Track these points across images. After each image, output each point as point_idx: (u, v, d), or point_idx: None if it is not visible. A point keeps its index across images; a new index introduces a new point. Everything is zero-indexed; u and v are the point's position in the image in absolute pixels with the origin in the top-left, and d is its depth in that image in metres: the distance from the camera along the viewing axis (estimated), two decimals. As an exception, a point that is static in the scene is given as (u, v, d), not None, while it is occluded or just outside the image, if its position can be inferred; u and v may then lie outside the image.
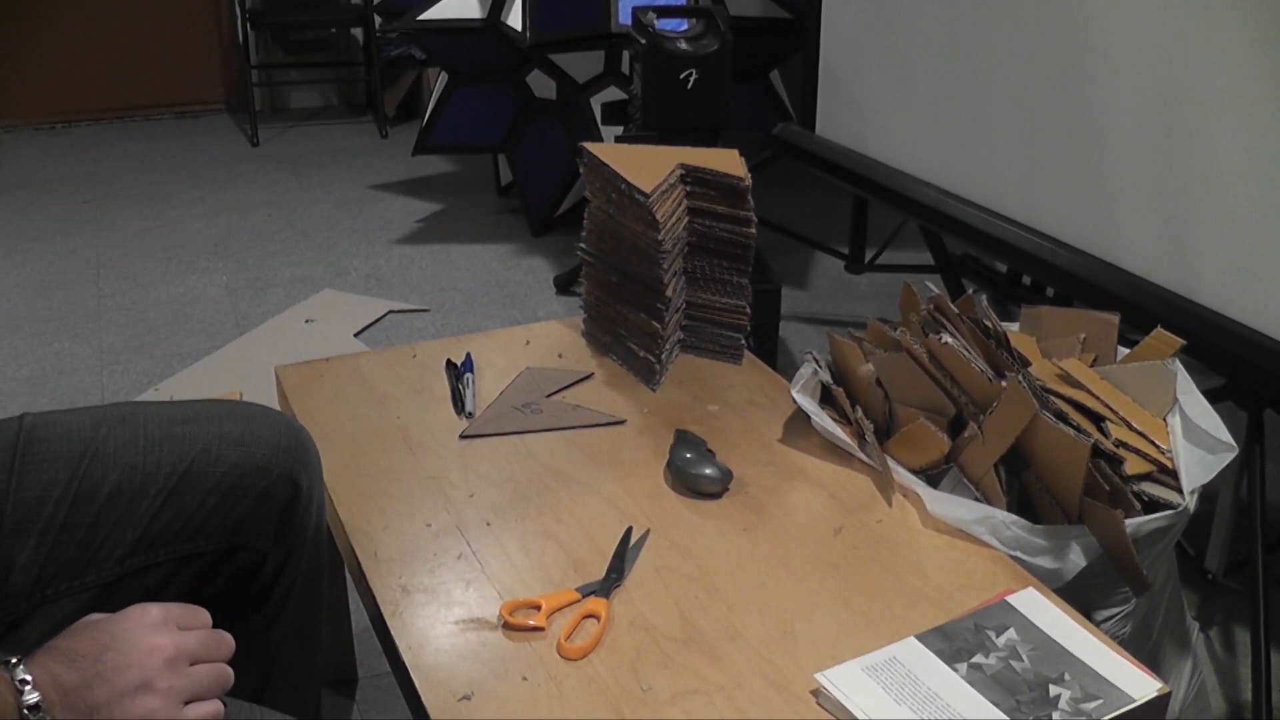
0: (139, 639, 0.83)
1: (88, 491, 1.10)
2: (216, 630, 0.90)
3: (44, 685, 0.80)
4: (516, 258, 3.54)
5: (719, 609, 1.14)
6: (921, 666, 1.04)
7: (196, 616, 0.89)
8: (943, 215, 2.17)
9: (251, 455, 1.17)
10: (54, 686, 0.80)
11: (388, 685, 1.76)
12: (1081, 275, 1.87)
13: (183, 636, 0.86)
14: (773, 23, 3.62)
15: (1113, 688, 1.02)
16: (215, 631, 0.89)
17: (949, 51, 2.15)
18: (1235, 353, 1.61)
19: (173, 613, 0.87)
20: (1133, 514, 1.24)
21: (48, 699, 0.79)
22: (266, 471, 1.18)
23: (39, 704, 0.79)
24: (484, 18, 3.48)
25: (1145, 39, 1.72)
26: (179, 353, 2.92)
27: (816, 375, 1.46)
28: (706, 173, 1.53)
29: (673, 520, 1.28)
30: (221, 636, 0.89)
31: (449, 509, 1.30)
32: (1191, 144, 1.67)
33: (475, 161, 4.31)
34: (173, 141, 4.79)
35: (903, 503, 1.32)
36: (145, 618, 0.85)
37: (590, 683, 1.04)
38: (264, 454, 1.18)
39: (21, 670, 0.79)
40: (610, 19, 3.37)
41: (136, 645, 0.83)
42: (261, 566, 1.21)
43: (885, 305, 3.20)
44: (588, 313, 1.69)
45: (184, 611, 0.88)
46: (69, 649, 0.82)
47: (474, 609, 1.13)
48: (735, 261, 1.58)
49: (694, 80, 2.72)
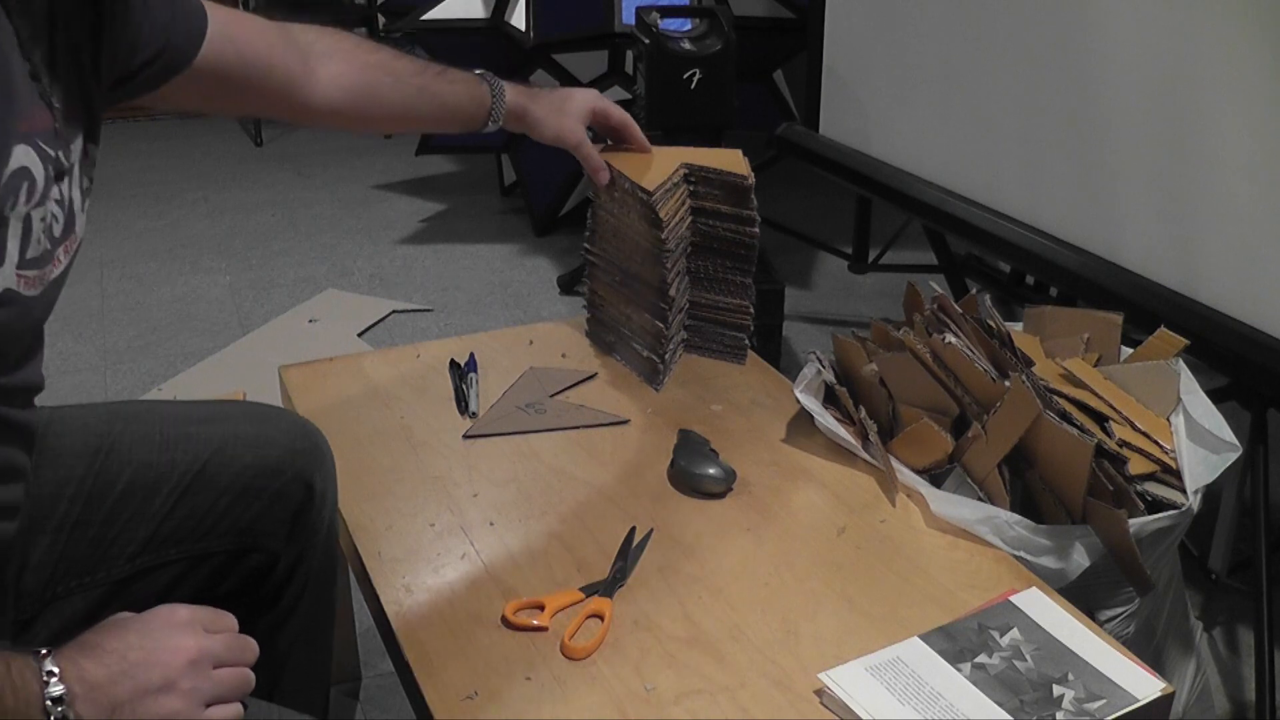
0: (165, 639, 0.85)
1: (101, 488, 1.10)
2: (241, 635, 0.90)
3: (70, 678, 0.80)
4: (520, 258, 3.54)
5: (723, 609, 1.14)
6: (925, 666, 1.04)
7: (222, 620, 0.90)
8: (946, 215, 2.17)
9: (265, 457, 1.18)
10: (79, 680, 0.81)
11: (391, 685, 1.76)
12: (1085, 275, 1.87)
13: (208, 639, 0.86)
14: (776, 22, 3.63)
15: (1116, 688, 1.02)
16: (240, 636, 0.90)
17: (952, 51, 2.15)
18: (1239, 352, 1.61)
19: (200, 615, 0.88)
20: (1136, 514, 1.24)
21: (72, 692, 0.80)
22: (280, 473, 1.18)
23: (63, 697, 0.80)
24: (487, 18, 3.49)
25: (1148, 39, 1.72)
26: (182, 353, 2.92)
27: (820, 375, 1.46)
28: (710, 172, 1.53)
29: (676, 520, 1.28)
30: (245, 641, 0.90)
31: (453, 509, 1.30)
32: (1194, 143, 1.67)
33: (479, 161, 4.31)
34: (176, 141, 4.80)
35: (906, 503, 1.32)
36: (173, 618, 0.86)
37: (594, 682, 1.04)
38: (278, 455, 1.19)
39: (49, 662, 0.80)
40: (614, 19, 3.37)
41: (162, 645, 0.84)
42: (273, 567, 1.21)
43: (889, 305, 3.20)
44: (591, 313, 1.69)
45: (211, 615, 0.89)
46: (96, 644, 0.83)
47: (477, 608, 1.14)
48: (739, 261, 1.58)
49: (697, 80, 2.72)
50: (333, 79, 1.29)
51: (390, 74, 1.35)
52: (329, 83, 1.29)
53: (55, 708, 0.79)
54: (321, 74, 1.29)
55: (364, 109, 1.33)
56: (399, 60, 1.37)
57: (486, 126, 1.45)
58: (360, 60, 1.33)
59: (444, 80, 1.40)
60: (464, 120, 1.43)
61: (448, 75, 1.41)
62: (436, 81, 1.39)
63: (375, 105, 1.34)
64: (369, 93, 1.33)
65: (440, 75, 1.40)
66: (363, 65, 1.33)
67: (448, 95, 1.40)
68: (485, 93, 1.43)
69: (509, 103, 1.45)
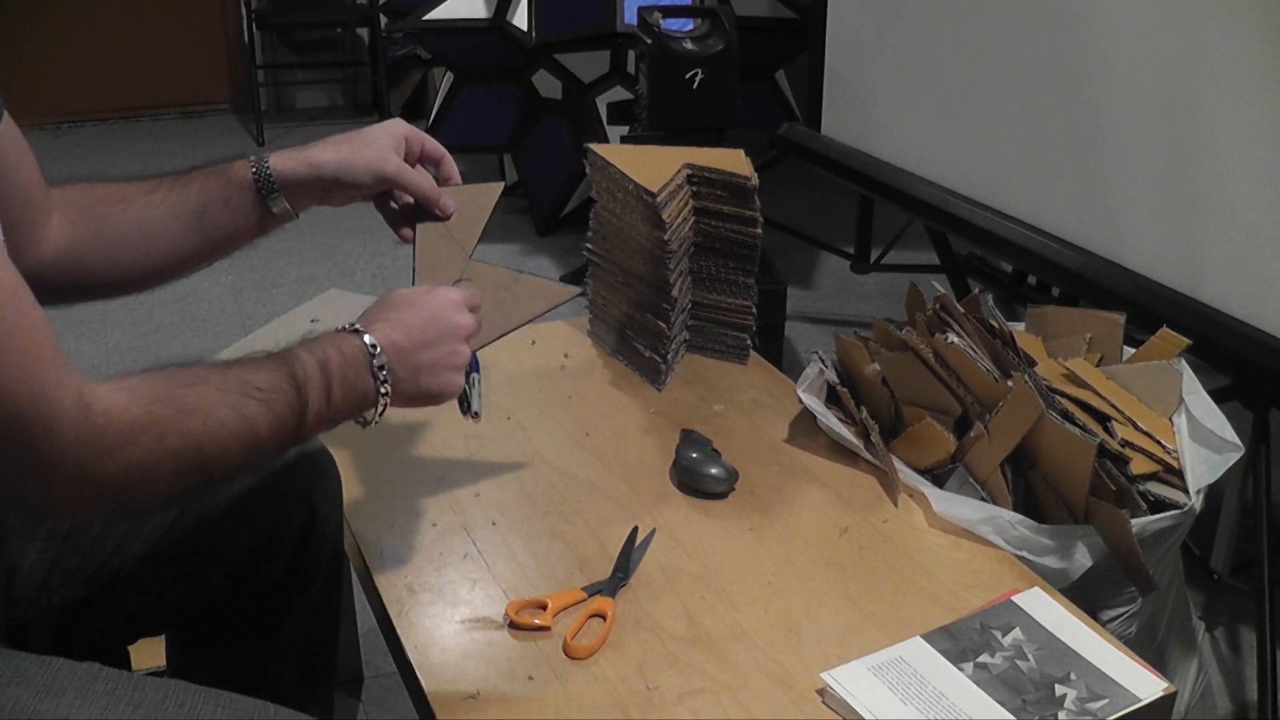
0: (450, 318, 1.04)
1: None
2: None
3: (386, 347, 0.99)
4: (522, 258, 3.54)
5: (725, 608, 1.14)
6: (927, 666, 1.04)
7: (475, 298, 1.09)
8: (948, 215, 2.17)
9: (267, 479, 1.16)
10: (392, 347, 1.00)
11: (393, 685, 1.76)
12: (1087, 275, 1.87)
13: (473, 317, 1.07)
14: (778, 22, 3.63)
15: (1118, 687, 1.02)
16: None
17: (954, 51, 2.15)
18: (1241, 352, 1.61)
19: (466, 295, 1.08)
20: (1138, 514, 1.24)
21: (390, 358, 0.99)
22: (282, 495, 1.16)
23: (385, 365, 0.99)
24: (490, 18, 3.49)
25: (1150, 39, 1.72)
26: (185, 352, 2.92)
27: (822, 375, 1.47)
28: (713, 173, 1.53)
29: (679, 520, 1.28)
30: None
31: (455, 508, 1.30)
32: (1197, 144, 1.67)
33: (481, 161, 4.31)
34: (178, 141, 4.80)
35: (908, 502, 1.32)
36: (450, 298, 1.06)
37: (596, 682, 1.04)
38: (280, 477, 1.17)
39: (368, 337, 0.99)
40: (616, 19, 3.38)
41: (449, 322, 1.04)
42: (275, 590, 1.20)
43: (891, 305, 3.20)
44: (593, 313, 1.69)
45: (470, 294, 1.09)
46: (400, 320, 1.02)
47: (480, 608, 1.14)
48: (741, 261, 1.58)
49: (699, 80, 2.72)
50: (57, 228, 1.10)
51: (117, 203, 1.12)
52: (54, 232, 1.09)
53: (380, 373, 0.99)
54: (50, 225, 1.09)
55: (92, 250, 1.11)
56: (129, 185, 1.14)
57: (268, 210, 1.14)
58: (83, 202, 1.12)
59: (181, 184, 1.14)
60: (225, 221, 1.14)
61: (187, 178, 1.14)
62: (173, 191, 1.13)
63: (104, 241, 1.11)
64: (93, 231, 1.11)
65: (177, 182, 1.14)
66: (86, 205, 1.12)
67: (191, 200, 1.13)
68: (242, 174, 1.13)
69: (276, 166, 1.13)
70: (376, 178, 1.17)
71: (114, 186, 1.13)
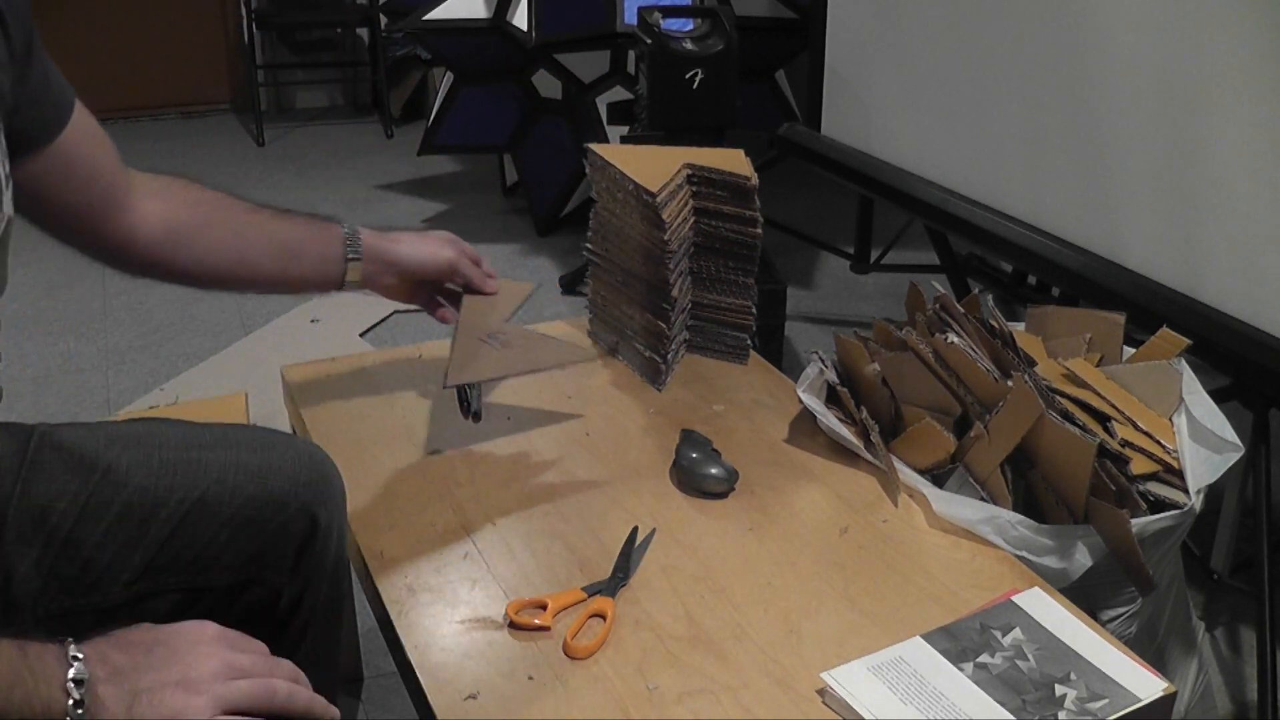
0: (192, 644, 0.86)
1: (95, 508, 1.08)
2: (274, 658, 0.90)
3: (93, 662, 0.81)
4: (522, 258, 3.54)
5: (725, 608, 1.14)
6: (927, 666, 1.04)
7: (252, 644, 0.90)
8: (948, 215, 2.18)
9: (268, 488, 1.14)
10: (103, 664, 0.81)
11: (394, 685, 1.76)
12: (1087, 275, 1.87)
13: (235, 654, 0.87)
14: (778, 22, 3.63)
15: (1118, 687, 1.02)
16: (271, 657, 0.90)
17: (954, 51, 2.15)
18: (1241, 352, 1.61)
19: (229, 635, 0.88)
20: (1138, 514, 1.24)
21: (94, 675, 0.80)
22: (284, 506, 1.14)
23: (85, 680, 0.80)
24: (489, 18, 3.49)
25: (1150, 39, 1.72)
26: (184, 353, 2.92)
27: (822, 375, 1.47)
28: (713, 173, 1.53)
29: (679, 520, 1.28)
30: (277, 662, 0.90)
31: (455, 509, 1.30)
32: (1197, 143, 1.67)
33: (481, 161, 4.32)
34: (178, 141, 4.80)
35: (908, 502, 1.32)
36: (201, 631, 0.87)
37: (596, 682, 1.04)
38: (282, 487, 1.14)
39: (74, 648, 0.81)
40: (616, 19, 3.38)
41: (189, 649, 0.85)
42: (276, 603, 1.18)
43: (891, 305, 3.20)
44: (593, 313, 1.69)
45: (241, 638, 0.89)
46: (122, 637, 0.85)
47: (480, 608, 1.14)
48: (741, 261, 1.58)
49: (699, 80, 2.72)
50: (155, 211, 1.18)
51: (222, 209, 1.23)
52: (151, 215, 1.18)
53: (76, 689, 0.79)
54: (144, 207, 1.18)
55: (189, 242, 1.20)
56: (235, 200, 1.25)
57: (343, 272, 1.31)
58: (190, 198, 1.22)
59: (283, 219, 1.27)
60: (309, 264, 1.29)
61: (289, 215, 1.28)
62: (274, 220, 1.27)
63: (201, 238, 1.21)
64: (194, 226, 1.21)
65: (279, 215, 1.27)
66: (192, 202, 1.22)
67: (287, 233, 1.27)
68: (335, 232, 1.30)
69: (366, 241, 1.32)
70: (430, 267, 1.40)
71: (219, 194, 1.24)
